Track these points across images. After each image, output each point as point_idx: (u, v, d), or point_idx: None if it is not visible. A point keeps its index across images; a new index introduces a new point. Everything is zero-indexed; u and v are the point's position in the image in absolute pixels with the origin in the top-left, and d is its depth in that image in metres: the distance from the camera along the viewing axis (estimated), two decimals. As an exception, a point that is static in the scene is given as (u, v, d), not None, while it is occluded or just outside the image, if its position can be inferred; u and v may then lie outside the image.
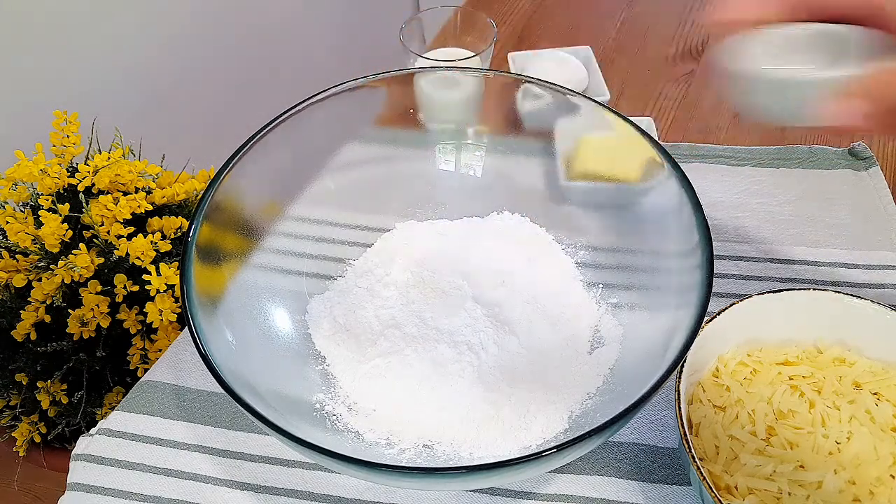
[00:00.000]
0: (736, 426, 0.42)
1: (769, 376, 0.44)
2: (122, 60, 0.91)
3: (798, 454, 0.40)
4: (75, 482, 0.46)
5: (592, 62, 0.73)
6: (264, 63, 1.13)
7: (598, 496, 0.44)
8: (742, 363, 0.45)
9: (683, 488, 0.44)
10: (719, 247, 0.58)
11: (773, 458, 0.40)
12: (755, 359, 0.45)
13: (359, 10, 1.33)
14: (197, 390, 0.50)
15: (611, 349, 0.47)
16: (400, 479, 0.37)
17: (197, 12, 0.99)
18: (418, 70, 0.54)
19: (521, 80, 0.53)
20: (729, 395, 0.43)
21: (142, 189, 0.66)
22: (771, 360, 0.45)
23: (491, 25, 0.65)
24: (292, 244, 0.52)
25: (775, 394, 0.43)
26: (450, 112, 0.57)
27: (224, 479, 0.46)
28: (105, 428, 0.48)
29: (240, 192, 0.46)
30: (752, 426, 0.42)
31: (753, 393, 0.43)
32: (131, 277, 0.61)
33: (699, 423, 0.42)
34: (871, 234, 0.58)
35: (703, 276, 0.38)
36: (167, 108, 0.98)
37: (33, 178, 0.63)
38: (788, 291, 0.44)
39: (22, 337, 0.61)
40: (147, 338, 0.64)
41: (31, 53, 0.81)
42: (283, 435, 0.34)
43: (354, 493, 0.45)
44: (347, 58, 1.32)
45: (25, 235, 0.61)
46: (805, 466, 0.40)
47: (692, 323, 0.37)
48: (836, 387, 0.43)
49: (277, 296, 0.49)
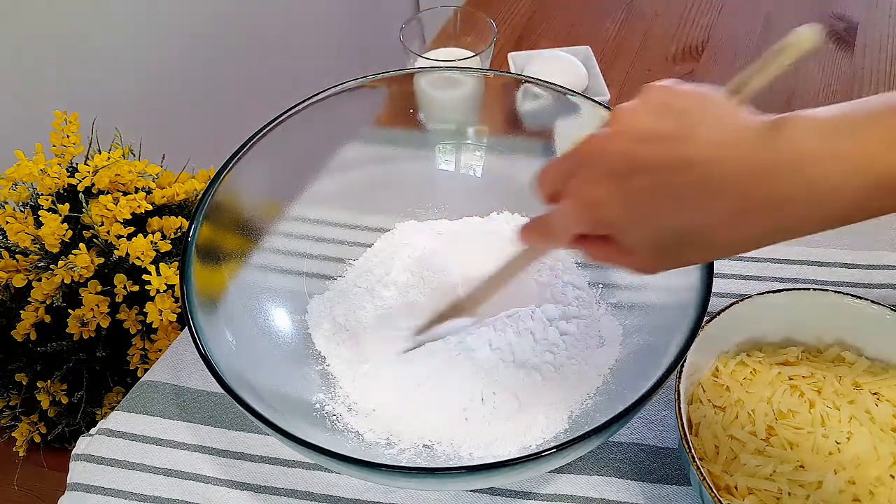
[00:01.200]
0: (736, 426, 0.42)
1: (769, 376, 0.44)
2: (123, 60, 0.91)
3: (798, 454, 0.40)
4: (75, 482, 0.46)
5: (592, 62, 0.73)
6: (264, 63, 1.13)
7: (598, 496, 0.44)
8: (742, 363, 0.45)
9: (683, 488, 0.44)
10: (719, 247, 0.57)
11: (773, 458, 0.40)
12: (755, 359, 0.45)
13: (359, 10, 1.33)
14: (197, 390, 0.50)
15: (611, 349, 0.47)
16: (400, 479, 0.37)
17: (197, 12, 0.99)
18: (418, 70, 0.54)
19: (521, 80, 0.53)
20: (729, 395, 0.43)
21: (142, 189, 0.66)
22: (771, 360, 0.45)
23: (491, 25, 0.65)
24: (292, 244, 0.52)
25: (775, 394, 0.43)
26: (450, 112, 0.57)
27: (224, 479, 0.46)
28: (105, 428, 0.48)
29: (240, 192, 0.46)
30: (751, 426, 0.42)
31: (753, 393, 0.43)
32: (131, 277, 0.61)
33: (699, 423, 0.42)
34: (871, 234, 0.58)
35: (703, 277, 0.38)
36: (167, 108, 0.98)
37: (33, 178, 0.63)
38: (788, 291, 0.44)
39: (22, 337, 0.61)
40: (147, 338, 0.64)
41: (31, 53, 0.81)
42: (283, 435, 0.34)
43: (354, 493, 0.45)
44: (347, 58, 1.32)
45: (25, 235, 0.61)
46: (805, 466, 0.40)
47: (692, 323, 0.37)
48: (836, 387, 0.43)
49: (277, 296, 0.49)
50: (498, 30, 0.66)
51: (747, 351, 0.46)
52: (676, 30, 0.86)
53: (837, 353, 0.45)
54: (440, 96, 0.56)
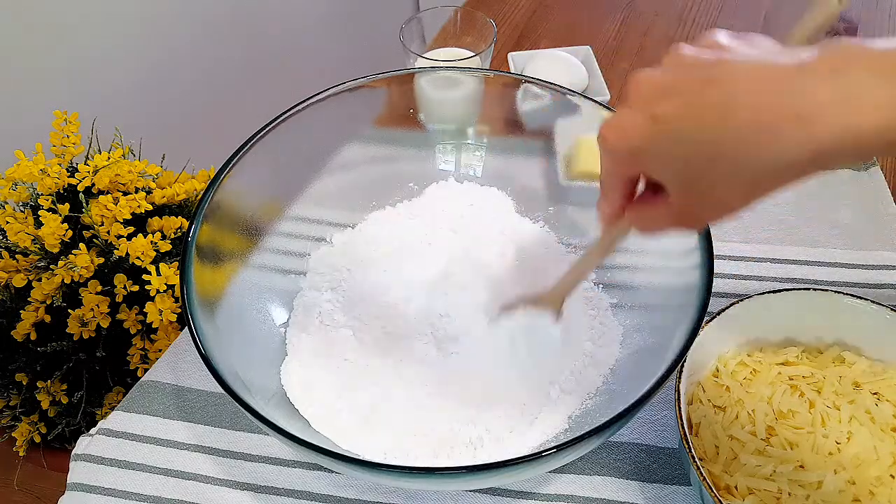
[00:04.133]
0: (736, 426, 0.42)
1: (769, 376, 0.44)
2: (123, 60, 0.91)
3: (798, 454, 0.40)
4: (75, 482, 0.46)
5: (592, 62, 0.73)
6: (264, 63, 1.13)
7: (598, 496, 0.44)
8: (742, 363, 0.45)
9: (683, 488, 0.44)
10: (719, 247, 0.57)
11: (773, 458, 0.40)
12: (755, 359, 0.45)
13: (359, 10, 1.33)
14: (197, 390, 0.50)
15: (611, 349, 0.47)
16: (400, 479, 0.37)
17: (197, 12, 0.99)
18: (418, 70, 0.54)
19: (521, 80, 0.53)
20: (729, 396, 0.43)
21: (142, 189, 0.66)
22: (771, 360, 0.45)
23: (491, 25, 0.65)
24: (292, 244, 0.52)
25: (775, 394, 0.43)
26: (450, 112, 0.57)
27: (224, 479, 0.46)
28: (105, 428, 0.48)
29: (240, 192, 0.46)
30: (752, 426, 0.42)
31: (753, 393, 0.43)
32: (131, 277, 0.61)
33: (699, 423, 0.42)
34: (870, 234, 0.58)
35: (703, 277, 0.38)
36: (167, 108, 0.98)
37: (33, 178, 0.63)
38: (788, 291, 0.44)
39: (22, 337, 0.61)
40: (147, 338, 0.64)
41: (32, 53, 0.81)
42: (283, 435, 0.34)
43: (354, 493, 0.45)
44: (347, 58, 1.32)
45: (25, 235, 0.61)
46: (805, 466, 0.40)
47: (692, 323, 0.37)
48: (836, 387, 0.43)
49: (277, 296, 0.49)
50: (498, 30, 0.66)
51: (747, 351, 0.46)
52: (676, 30, 0.86)
53: (838, 353, 0.45)
54: (440, 96, 0.56)
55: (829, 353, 0.45)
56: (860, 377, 0.43)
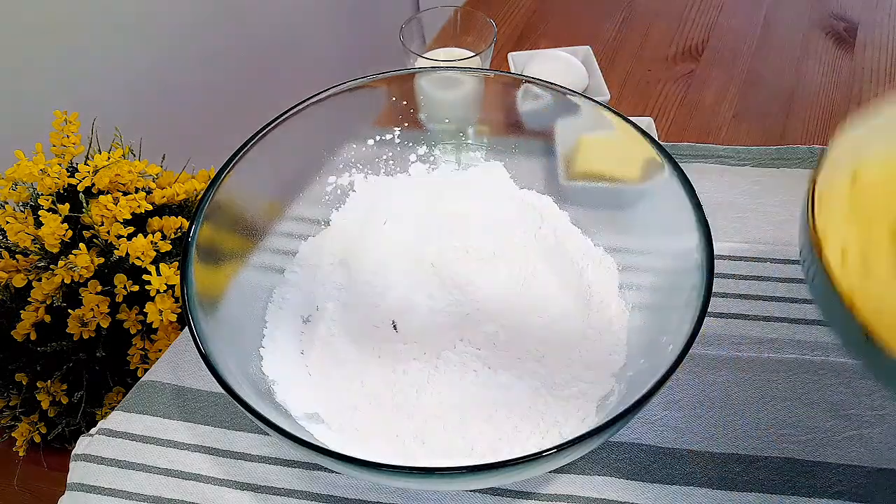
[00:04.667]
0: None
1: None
2: (123, 60, 0.91)
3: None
4: (75, 482, 0.46)
5: (592, 62, 0.73)
6: (264, 63, 1.13)
7: (598, 496, 0.44)
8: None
9: (683, 488, 0.44)
10: (719, 247, 0.57)
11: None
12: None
13: (359, 10, 1.33)
14: (197, 390, 0.50)
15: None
16: (400, 479, 0.37)
17: (197, 12, 0.99)
18: (418, 70, 0.54)
19: (521, 80, 0.53)
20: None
21: (142, 189, 0.66)
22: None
23: (491, 25, 0.65)
24: (292, 244, 0.52)
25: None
26: (450, 112, 0.57)
27: (224, 479, 0.46)
28: (105, 428, 0.48)
29: (240, 192, 0.46)
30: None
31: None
32: (131, 277, 0.61)
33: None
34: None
35: (703, 277, 0.38)
36: (167, 108, 0.98)
37: (33, 178, 0.63)
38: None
39: (22, 337, 0.61)
40: (147, 338, 0.64)
41: (32, 53, 0.81)
42: (283, 435, 0.34)
43: (354, 493, 0.45)
44: (347, 58, 1.32)
45: (25, 235, 0.61)
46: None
47: (692, 323, 0.37)
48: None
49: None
50: (498, 30, 0.66)
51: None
52: (676, 30, 0.86)
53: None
54: (440, 96, 0.56)
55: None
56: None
